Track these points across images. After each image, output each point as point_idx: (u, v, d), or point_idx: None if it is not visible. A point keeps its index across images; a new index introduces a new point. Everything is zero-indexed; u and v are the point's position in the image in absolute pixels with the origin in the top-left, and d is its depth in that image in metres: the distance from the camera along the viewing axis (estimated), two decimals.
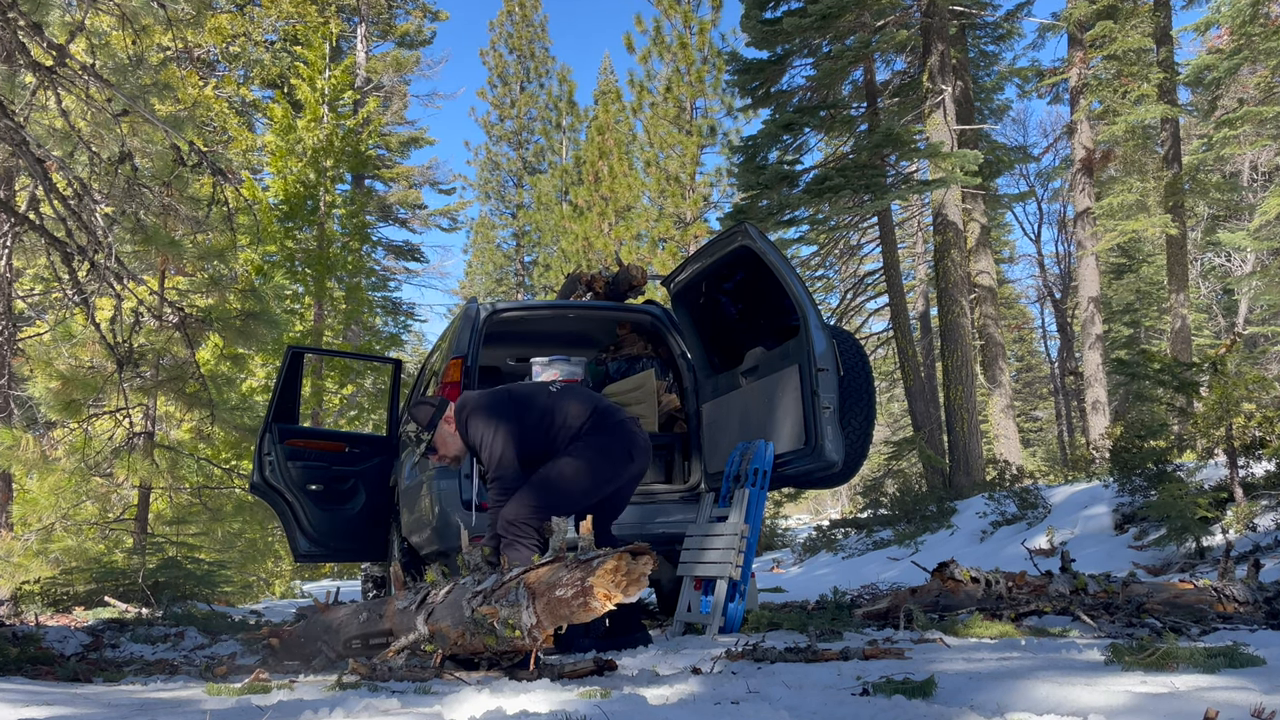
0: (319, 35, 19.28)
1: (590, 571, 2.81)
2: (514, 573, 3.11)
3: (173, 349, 7.39)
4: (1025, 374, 38.96)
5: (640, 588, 2.84)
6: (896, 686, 2.40)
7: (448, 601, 3.37)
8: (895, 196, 15.15)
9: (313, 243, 18.52)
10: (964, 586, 4.54)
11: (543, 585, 2.95)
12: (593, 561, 2.84)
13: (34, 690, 3.21)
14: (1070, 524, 8.88)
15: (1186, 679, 2.45)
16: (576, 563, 2.89)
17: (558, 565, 2.95)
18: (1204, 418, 7.23)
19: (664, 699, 2.56)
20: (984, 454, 15.32)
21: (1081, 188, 17.47)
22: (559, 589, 2.88)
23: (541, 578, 2.98)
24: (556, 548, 3.12)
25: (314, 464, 6.31)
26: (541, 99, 34.66)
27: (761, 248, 4.82)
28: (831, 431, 4.47)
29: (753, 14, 15.05)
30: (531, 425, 4.00)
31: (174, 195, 6.13)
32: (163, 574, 6.67)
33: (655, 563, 2.90)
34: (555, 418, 4.02)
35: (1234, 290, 21.89)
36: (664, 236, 21.30)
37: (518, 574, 3.08)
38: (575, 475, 3.93)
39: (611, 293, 6.41)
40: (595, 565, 2.81)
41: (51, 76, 5.23)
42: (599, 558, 2.84)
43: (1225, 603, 4.21)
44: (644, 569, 2.82)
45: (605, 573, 2.79)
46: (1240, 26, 14.41)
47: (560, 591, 2.87)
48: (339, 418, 18.50)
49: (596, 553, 2.89)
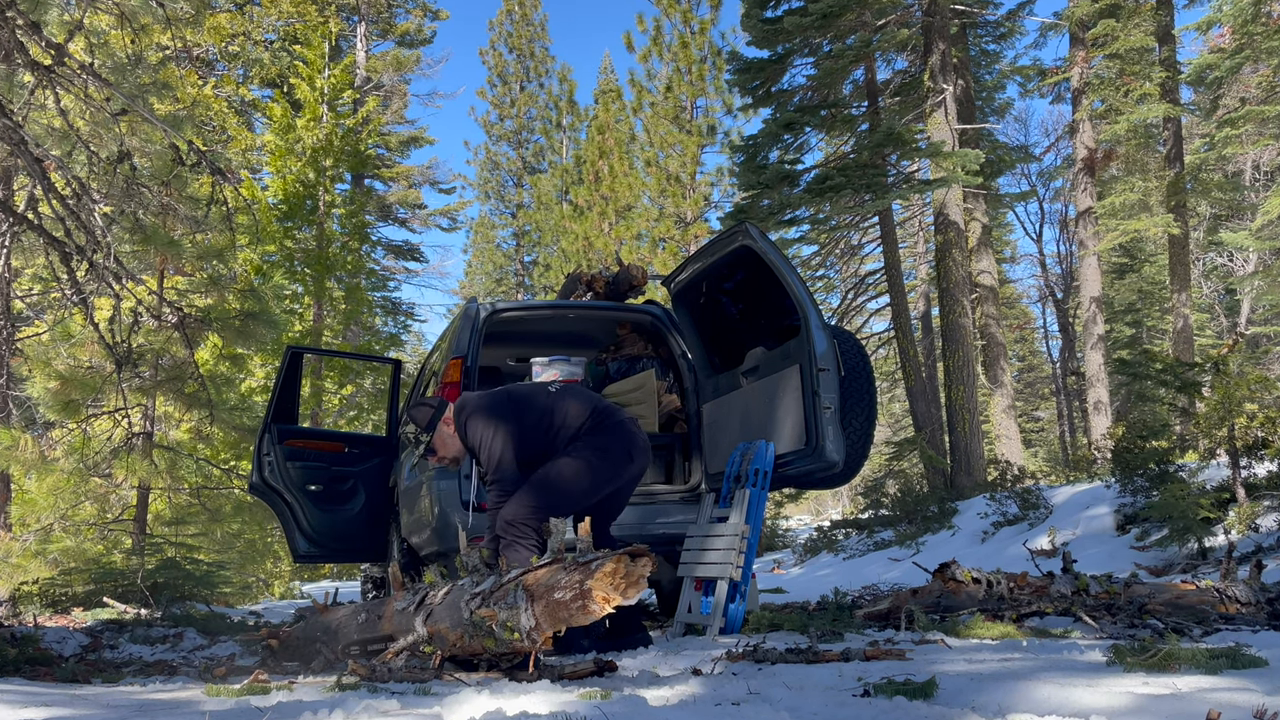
0: (318, 34, 19.27)
1: (589, 574, 2.79)
2: (512, 574, 3.09)
3: (172, 349, 7.38)
4: (1027, 374, 38.94)
5: (639, 590, 2.82)
6: (898, 688, 2.39)
7: (446, 603, 3.35)
8: (896, 196, 15.13)
9: (312, 242, 18.50)
10: (965, 587, 4.52)
11: (541, 588, 2.93)
12: (591, 564, 2.82)
13: (32, 691, 3.20)
14: (1072, 525, 8.86)
15: (1189, 680, 2.44)
16: (575, 565, 2.87)
17: (556, 568, 2.93)
18: (1206, 418, 7.21)
19: (664, 700, 2.55)
20: (985, 454, 15.30)
21: (1083, 187, 17.45)
22: (557, 591, 2.86)
23: (540, 580, 2.96)
24: (555, 549, 3.10)
25: (313, 464, 6.30)
26: (541, 98, 34.65)
27: (762, 247, 4.81)
28: (832, 432, 4.46)
29: (753, 13, 15.04)
30: (531, 426, 3.99)
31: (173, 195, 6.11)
32: (161, 575, 6.65)
33: (654, 564, 2.88)
34: (554, 418, 4.01)
35: (1236, 290, 21.87)
36: (664, 236, 21.28)
37: (516, 576, 3.07)
38: (575, 476, 3.92)
39: (612, 293, 6.40)
40: (594, 568, 2.79)
41: (50, 75, 5.21)
42: (598, 560, 2.82)
43: (1227, 604, 4.20)
44: (643, 571, 2.80)
45: (604, 575, 2.76)
46: (1242, 25, 14.39)
47: (559, 594, 2.85)
48: (338, 418, 18.49)
49: (595, 555, 2.87)
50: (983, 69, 18.09)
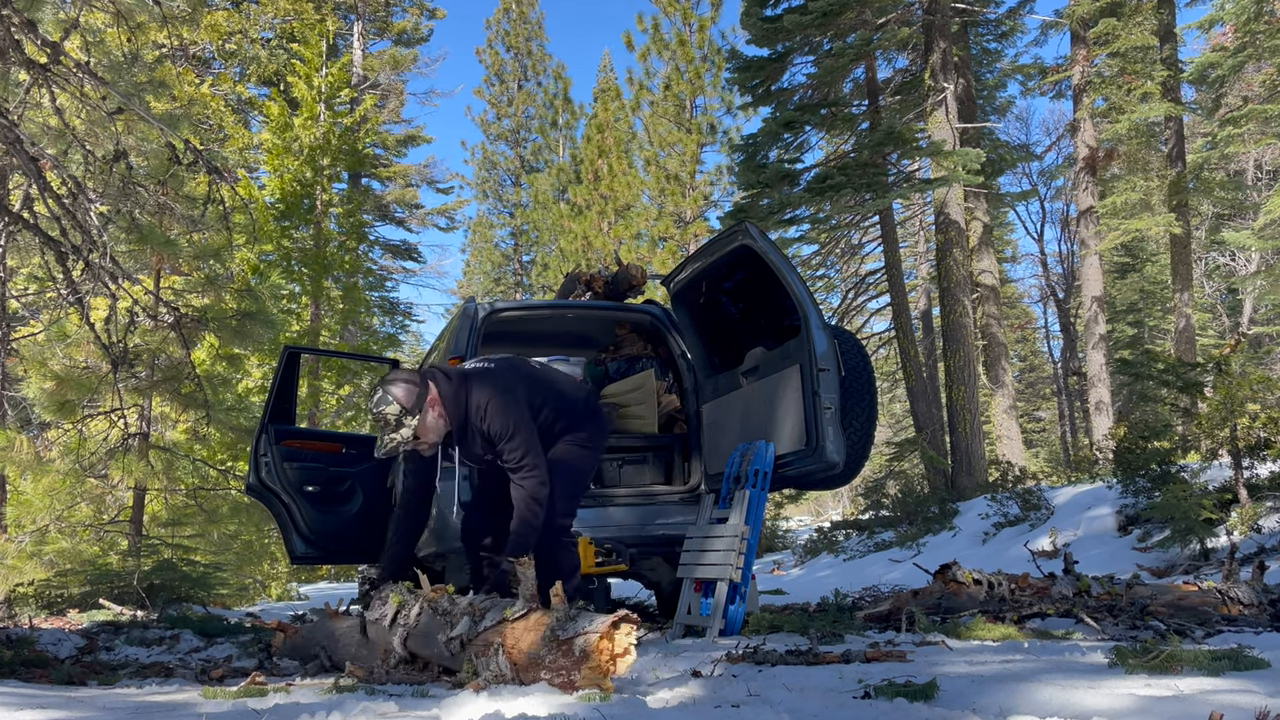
0: (316, 33, 19.24)
1: (578, 665, 2.70)
2: (492, 635, 2.98)
3: (168, 349, 7.36)
4: (1028, 374, 38.93)
5: (628, 662, 2.72)
6: (898, 689, 2.39)
7: (421, 629, 3.31)
8: (897, 195, 15.11)
9: (309, 242, 18.47)
10: (966, 588, 4.50)
11: (525, 661, 2.83)
12: (581, 650, 2.71)
13: (28, 694, 3.19)
14: (1073, 525, 8.84)
15: (1191, 682, 2.43)
16: (562, 649, 2.75)
17: (544, 643, 2.81)
18: (1208, 418, 7.18)
19: (664, 702, 2.53)
20: (986, 455, 15.29)
21: (1085, 186, 17.43)
22: (543, 671, 2.78)
23: (523, 652, 2.85)
24: (527, 598, 2.97)
25: (310, 465, 6.27)
26: (539, 97, 34.62)
27: (762, 247, 4.78)
28: (833, 432, 4.43)
29: (753, 11, 15.02)
30: (537, 405, 3.86)
31: (169, 194, 6.09)
32: (158, 576, 6.62)
33: (638, 629, 2.78)
34: (558, 389, 3.95)
35: (1238, 290, 21.86)
36: (664, 235, 21.27)
37: (497, 641, 2.96)
38: (589, 471, 3.89)
39: (611, 292, 6.38)
40: (584, 657, 2.70)
41: (46, 74, 5.19)
42: (587, 644, 2.69)
43: (1230, 605, 4.17)
44: (629, 641, 2.70)
45: (591, 667, 2.66)
46: (1244, 24, 14.38)
47: (545, 674, 2.78)
48: (336, 418, 18.47)
49: (583, 633, 2.72)
50: (984, 67, 18.08)
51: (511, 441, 3.67)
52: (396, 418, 3.62)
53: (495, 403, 3.68)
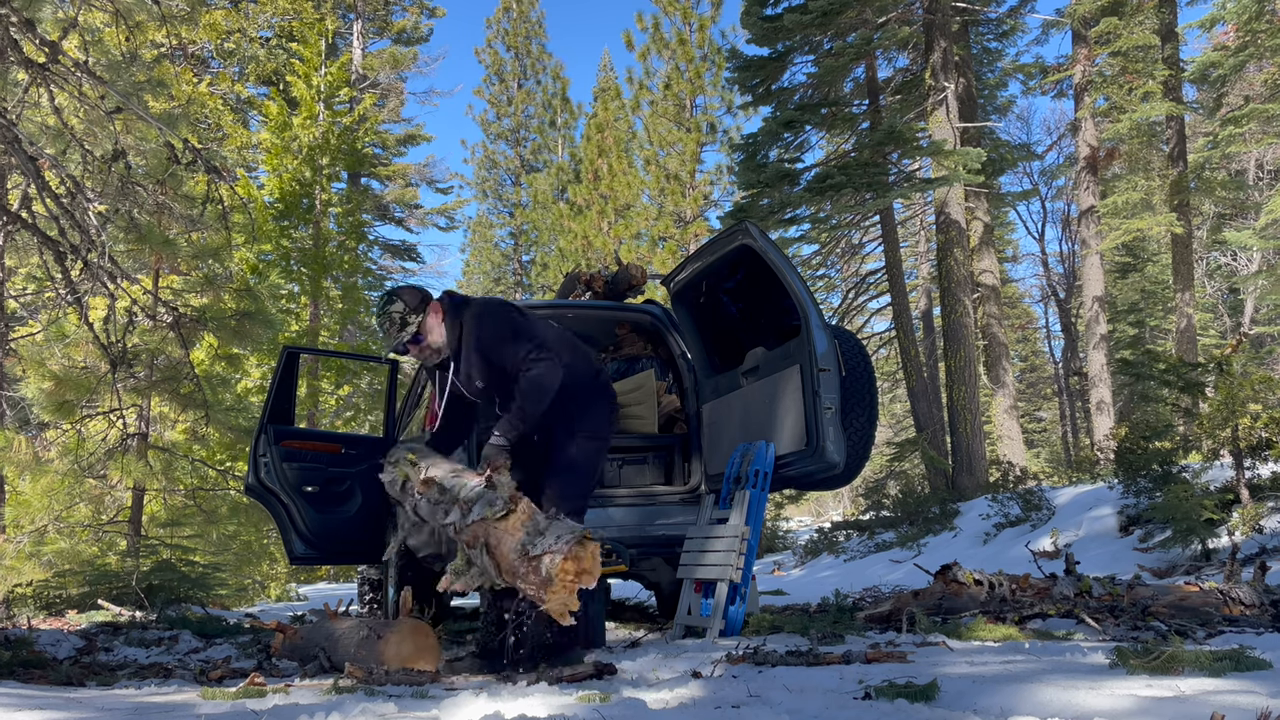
0: (315, 32, 19.23)
1: (544, 587, 2.86)
2: (479, 529, 3.15)
3: (167, 349, 7.34)
4: (1029, 374, 38.92)
5: (593, 579, 2.87)
6: (899, 690, 2.38)
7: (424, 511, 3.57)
8: (897, 195, 15.10)
9: (308, 241, 18.46)
10: (967, 589, 4.49)
11: (506, 565, 3.01)
12: (546, 573, 2.86)
13: (27, 694, 3.18)
14: (1075, 526, 8.82)
15: (1192, 682, 2.43)
16: (532, 566, 2.92)
17: (517, 554, 2.97)
18: (1210, 418, 7.17)
19: (664, 703, 2.53)
20: (987, 455, 15.28)
21: (1086, 186, 17.42)
22: (519, 580, 2.98)
23: (505, 555, 3.02)
24: (506, 499, 3.15)
25: (310, 465, 6.24)
26: (539, 96, 34.61)
27: (762, 246, 4.77)
28: (833, 432, 4.41)
29: (753, 10, 15.01)
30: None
31: (168, 193, 6.08)
32: (157, 577, 6.59)
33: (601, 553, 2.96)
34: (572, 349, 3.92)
35: (1240, 289, 21.86)
36: (664, 235, 21.26)
37: (482, 539, 3.12)
38: (595, 464, 3.90)
39: (611, 292, 6.36)
40: (548, 580, 2.85)
41: (44, 73, 5.18)
42: (552, 567, 2.83)
43: (1231, 605, 4.16)
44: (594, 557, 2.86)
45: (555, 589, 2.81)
46: (1246, 23, 14.36)
47: (520, 584, 2.98)
48: (335, 419, 18.46)
49: (549, 551, 2.87)
50: (984, 67, 18.06)
51: (516, 343, 3.64)
52: (401, 315, 3.73)
53: (498, 313, 3.77)
